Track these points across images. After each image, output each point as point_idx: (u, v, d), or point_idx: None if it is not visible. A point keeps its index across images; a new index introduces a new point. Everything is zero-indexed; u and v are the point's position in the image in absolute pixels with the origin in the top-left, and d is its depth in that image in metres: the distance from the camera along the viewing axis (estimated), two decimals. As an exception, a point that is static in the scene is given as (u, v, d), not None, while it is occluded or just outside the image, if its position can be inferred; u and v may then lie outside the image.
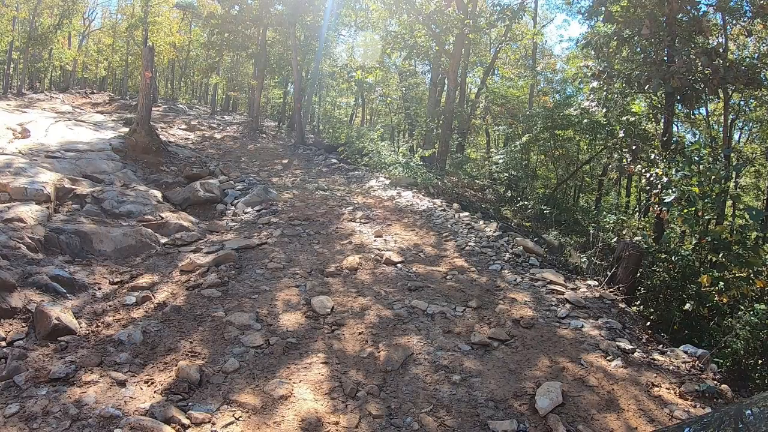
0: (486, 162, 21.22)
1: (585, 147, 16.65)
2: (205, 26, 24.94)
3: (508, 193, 15.09)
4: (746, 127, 19.39)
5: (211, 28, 22.77)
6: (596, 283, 7.98)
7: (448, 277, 7.13)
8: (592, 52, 11.37)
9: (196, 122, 24.22)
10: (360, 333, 5.46)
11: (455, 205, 11.32)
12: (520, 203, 13.97)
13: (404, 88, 23.09)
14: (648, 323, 7.61)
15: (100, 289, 7.26)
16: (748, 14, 13.03)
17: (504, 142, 22.59)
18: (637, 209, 18.01)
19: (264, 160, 16.77)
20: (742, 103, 16.21)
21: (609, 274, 8.12)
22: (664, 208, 9.26)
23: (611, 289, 7.75)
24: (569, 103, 15.27)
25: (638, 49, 11.11)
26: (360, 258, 7.57)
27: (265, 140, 20.97)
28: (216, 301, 6.30)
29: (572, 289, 7.36)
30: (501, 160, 16.83)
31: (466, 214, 10.50)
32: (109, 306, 6.56)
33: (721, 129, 16.90)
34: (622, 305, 7.25)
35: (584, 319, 6.29)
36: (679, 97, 11.39)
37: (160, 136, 18.63)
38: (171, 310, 6.14)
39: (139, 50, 28.46)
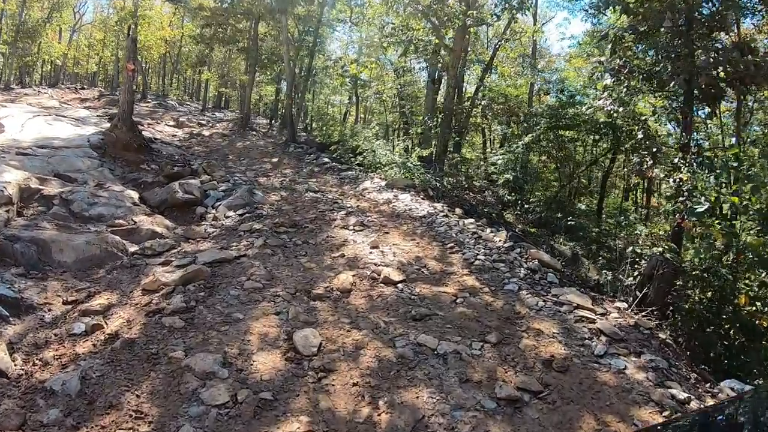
0: (483, 162, 19.93)
1: (591, 148, 15.39)
2: (194, 18, 23.43)
3: (512, 197, 13.81)
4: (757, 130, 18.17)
5: (201, 20, 21.29)
6: (625, 305, 6.71)
7: (458, 300, 5.81)
8: (609, 47, 10.13)
9: (185, 119, 22.73)
10: (354, 384, 4.14)
11: (458, 210, 10.01)
12: (525, 207, 12.70)
13: (400, 86, 21.75)
14: (687, 352, 6.38)
15: (50, 310, 6.00)
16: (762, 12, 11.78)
17: (501, 142, 21.32)
18: (642, 216, 16.81)
19: (252, 158, 15.38)
20: (754, 104, 15.02)
21: (639, 294, 6.87)
22: (688, 217, 8.00)
23: (644, 313, 6.49)
24: (574, 102, 14.00)
25: (659, 44, 9.85)
26: (353, 276, 6.24)
27: (256, 138, 19.54)
28: (177, 333, 4.96)
29: (602, 314, 6.09)
30: (500, 161, 15.54)
31: (471, 220, 9.19)
32: (54, 335, 5.29)
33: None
34: (662, 335, 5.98)
35: (625, 357, 5.02)
36: (701, 96, 10.15)
37: (146, 133, 17.25)
38: (122, 345, 4.82)
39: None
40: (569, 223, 11.10)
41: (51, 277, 6.88)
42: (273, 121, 24.78)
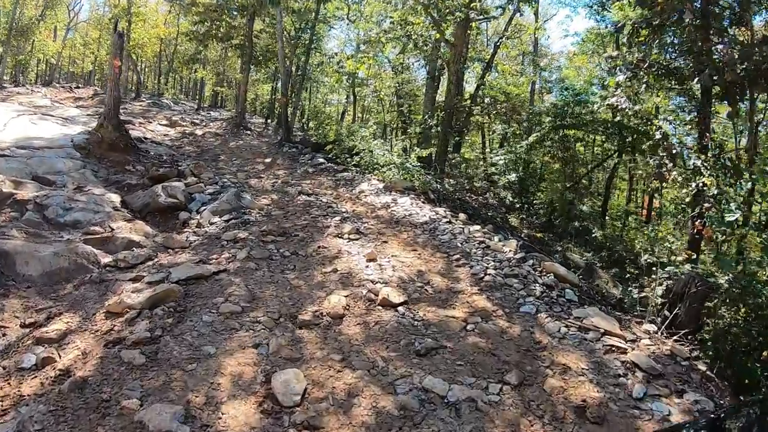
0: (482, 163, 19.00)
1: (596, 148, 14.49)
2: (187, 14, 22.39)
3: (515, 199, 12.89)
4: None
5: (194, 16, 20.26)
6: (654, 327, 5.83)
7: (468, 327, 4.90)
8: (624, 40, 9.21)
9: (179, 118, 21.73)
10: (346, 449, 3.24)
11: (461, 216, 9.10)
12: (530, 211, 11.80)
13: (398, 84, 20.79)
14: (725, 382, 5.50)
15: (4, 335, 5.26)
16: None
17: (500, 141, 20.40)
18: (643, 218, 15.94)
19: (245, 159, 14.43)
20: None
21: (668, 314, 5.97)
22: (716, 226, 7.12)
23: (676, 337, 5.61)
24: (580, 100, 13.09)
25: (678, 39, 8.95)
26: (347, 296, 5.33)
27: (250, 137, 18.55)
28: (136, 372, 4.06)
29: (632, 340, 5.21)
30: (501, 161, 14.63)
31: (477, 227, 8.27)
32: (2, 369, 4.48)
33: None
34: (701, 366, 5.09)
35: (666, 399, 4.16)
36: (722, 94, 9.27)
37: (137, 132, 16.34)
38: (71, 386, 3.95)
39: (125, 44, 25.84)
40: (592, 232, 10.16)
41: (12, 294, 6.06)
42: (269, 121, 23.79)
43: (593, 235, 12.74)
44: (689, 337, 5.72)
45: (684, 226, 10.95)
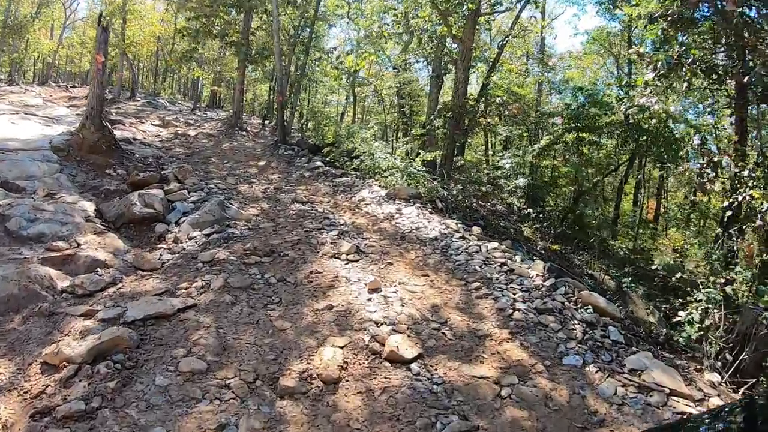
0: (485, 166, 17.78)
1: (603, 152, 13.23)
2: (180, 9, 21.12)
3: (524, 205, 11.66)
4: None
5: (189, 12, 18.97)
6: (717, 376, 4.63)
7: (503, 393, 3.67)
8: (660, 32, 8.01)
9: (172, 118, 20.46)
10: None
11: (476, 230, 7.86)
12: (546, 221, 10.58)
13: (399, 83, 19.54)
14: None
15: None
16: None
17: (504, 144, 19.16)
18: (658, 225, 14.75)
19: (237, 161, 13.16)
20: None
21: (728, 358, 4.78)
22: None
23: (742, 390, 4.42)
24: (597, 101, 11.86)
25: (717, 34, 7.77)
26: (345, 347, 4.10)
27: (245, 138, 17.28)
28: (55, 467, 2.85)
29: (700, 400, 4.01)
30: (507, 165, 13.39)
31: (495, 244, 7.03)
32: None
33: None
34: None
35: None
36: (761, 95, 8.10)
37: (127, 133, 15.16)
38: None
39: (121, 42, 24.58)
40: (608, 242, 8.96)
41: (-51, 329, 4.87)
42: (266, 121, 22.52)
43: (613, 246, 11.60)
44: (757, 389, 4.54)
45: (714, 241, 9.76)
